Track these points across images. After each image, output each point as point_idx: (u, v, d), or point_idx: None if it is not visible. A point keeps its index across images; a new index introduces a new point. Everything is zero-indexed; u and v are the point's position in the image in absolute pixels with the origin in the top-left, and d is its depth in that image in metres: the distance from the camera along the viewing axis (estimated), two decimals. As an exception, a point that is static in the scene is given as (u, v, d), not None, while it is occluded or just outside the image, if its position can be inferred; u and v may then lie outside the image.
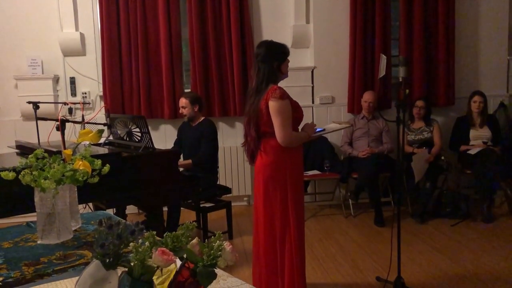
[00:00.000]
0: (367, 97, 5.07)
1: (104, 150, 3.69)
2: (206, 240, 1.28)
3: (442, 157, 4.99)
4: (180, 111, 4.43)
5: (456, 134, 5.14)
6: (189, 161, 4.22)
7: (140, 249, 1.18)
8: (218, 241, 1.24)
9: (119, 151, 3.48)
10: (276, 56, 2.76)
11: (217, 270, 1.27)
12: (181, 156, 4.33)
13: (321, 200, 5.52)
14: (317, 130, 3.07)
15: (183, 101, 4.33)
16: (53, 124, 3.37)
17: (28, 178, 1.75)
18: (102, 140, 3.95)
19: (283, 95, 2.66)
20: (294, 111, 2.74)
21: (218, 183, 4.65)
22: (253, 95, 2.78)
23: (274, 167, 2.74)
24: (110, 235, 1.21)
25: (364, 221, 4.84)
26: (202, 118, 4.41)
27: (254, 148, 2.79)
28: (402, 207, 4.89)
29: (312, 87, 5.43)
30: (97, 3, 5.11)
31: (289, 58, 2.85)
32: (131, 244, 1.21)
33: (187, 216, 4.57)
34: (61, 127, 3.11)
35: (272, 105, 2.65)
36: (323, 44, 5.34)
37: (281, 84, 2.83)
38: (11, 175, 1.77)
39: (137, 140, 3.68)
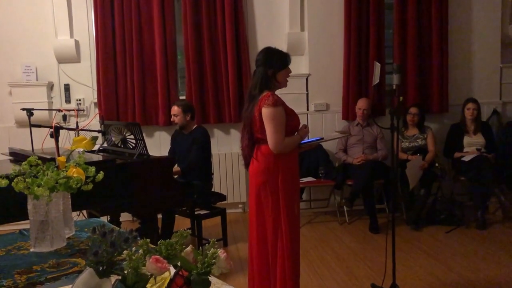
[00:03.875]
0: (361, 104, 5.09)
1: (98, 157, 3.68)
2: (200, 247, 1.27)
3: (436, 164, 5.01)
4: (172, 119, 4.40)
5: (450, 141, 5.17)
6: (178, 168, 4.20)
7: (133, 257, 1.18)
8: (212, 248, 1.24)
9: (113, 158, 3.47)
10: (272, 63, 2.71)
11: (212, 278, 1.26)
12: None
13: (316, 207, 5.52)
14: (315, 139, 3.06)
15: (175, 109, 4.31)
16: (47, 131, 3.36)
17: (21, 185, 1.74)
18: (96, 147, 3.94)
19: (276, 102, 2.64)
20: (289, 118, 2.72)
21: (213, 190, 4.64)
22: (247, 101, 2.77)
23: (266, 174, 2.72)
24: (103, 242, 1.20)
25: (359, 228, 4.84)
26: (195, 126, 4.40)
27: (248, 154, 2.79)
28: (397, 214, 4.90)
29: (307, 94, 5.44)
30: (92, 10, 5.12)
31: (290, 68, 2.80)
32: (125, 252, 1.20)
33: (182, 223, 4.56)
34: (55, 134, 3.10)
35: (265, 111, 2.64)
36: (318, 51, 5.37)
37: (276, 91, 2.82)
38: (4, 182, 1.76)
39: (131, 147, 3.67)
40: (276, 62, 2.73)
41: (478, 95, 5.36)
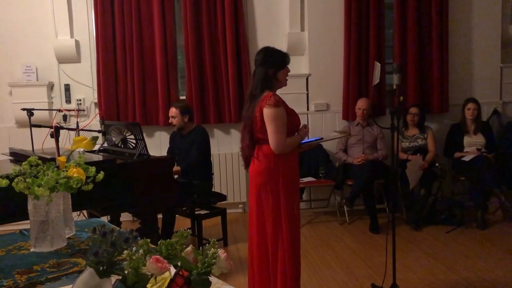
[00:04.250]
0: (361, 104, 5.09)
1: (98, 157, 3.68)
2: (200, 247, 1.27)
3: (437, 164, 5.01)
4: (169, 121, 4.42)
5: (450, 141, 5.16)
6: (178, 168, 4.20)
7: (134, 257, 1.18)
8: (212, 248, 1.24)
9: (114, 158, 3.47)
10: (272, 62, 2.73)
11: (212, 278, 1.26)
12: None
13: (316, 207, 5.52)
14: (315, 138, 3.06)
15: (173, 111, 4.32)
16: (47, 131, 3.36)
17: (21, 186, 1.74)
18: (96, 147, 3.94)
19: (278, 102, 2.65)
20: (290, 119, 2.72)
21: (213, 190, 4.64)
22: (248, 101, 2.77)
23: (267, 174, 2.73)
24: (104, 242, 1.20)
25: (359, 228, 4.84)
26: (194, 125, 4.41)
27: (248, 154, 2.79)
28: (397, 214, 4.90)
29: (307, 94, 5.44)
30: (92, 10, 5.12)
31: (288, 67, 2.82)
32: (125, 251, 1.20)
33: (182, 223, 4.56)
34: (55, 134, 3.10)
35: (266, 112, 2.64)
36: (318, 51, 5.37)
37: (277, 91, 2.82)
38: (4, 183, 1.76)
39: (131, 147, 3.67)
40: (276, 62, 2.75)
41: (478, 95, 5.36)
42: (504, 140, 5.29)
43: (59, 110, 4.87)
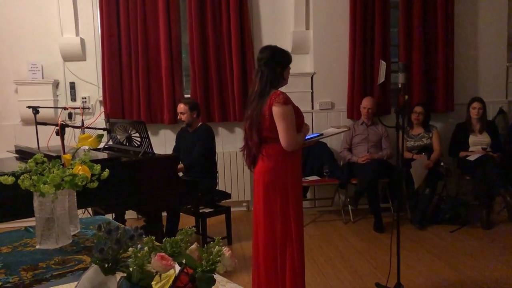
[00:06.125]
0: (366, 103, 5.08)
1: (103, 155, 3.69)
2: (205, 245, 1.27)
3: (442, 163, 4.99)
4: (178, 117, 4.44)
5: (456, 140, 5.14)
6: (182, 165, 4.22)
7: (139, 254, 1.18)
8: (217, 246, 1.24)
9: (119, 156, 3.49)
10: (279, 61, 2.75)
11: (216, 276, 1.26)
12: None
13: (321, 205, 5.52)
14: (314, 135, 3.06)
15: (182, 107, 4.35)
16: (52, 128, 3.37)
17: (27, 183, 1.75)
18: (101, 145, 3.95)
19: (287, 100, 2.65)
20: (296, 116, 2.73)
21: (217, 188, 4.64)
22: (255, 99, 2.75)
23: (274, 173, 2.73)
24: (109, 240, 1.21)
25: (363, 227, 4.83)
26: (200, 123, 4.43)
27: (256, 152, 2.78)
28: (402, 213, 4.89)
29: (312, 93, 5.44)
30: (98, 8, 5.13)
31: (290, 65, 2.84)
32: (130, 249, 1.21)
33: (186, 221, 4.56)
34: (60, 132, 3.11)
35: (276, 110, 2.64)
36: (323, 50, 5.36)
37: (281, 89, 2.82)
38: (10, 180, 1.77)
39: (136, 145, 3.68)
40: (283, 60, 2.77)
41: (484, 94, 5.34)
42: (509, 140, 5.26)
43: (65, 108, 4.89)
